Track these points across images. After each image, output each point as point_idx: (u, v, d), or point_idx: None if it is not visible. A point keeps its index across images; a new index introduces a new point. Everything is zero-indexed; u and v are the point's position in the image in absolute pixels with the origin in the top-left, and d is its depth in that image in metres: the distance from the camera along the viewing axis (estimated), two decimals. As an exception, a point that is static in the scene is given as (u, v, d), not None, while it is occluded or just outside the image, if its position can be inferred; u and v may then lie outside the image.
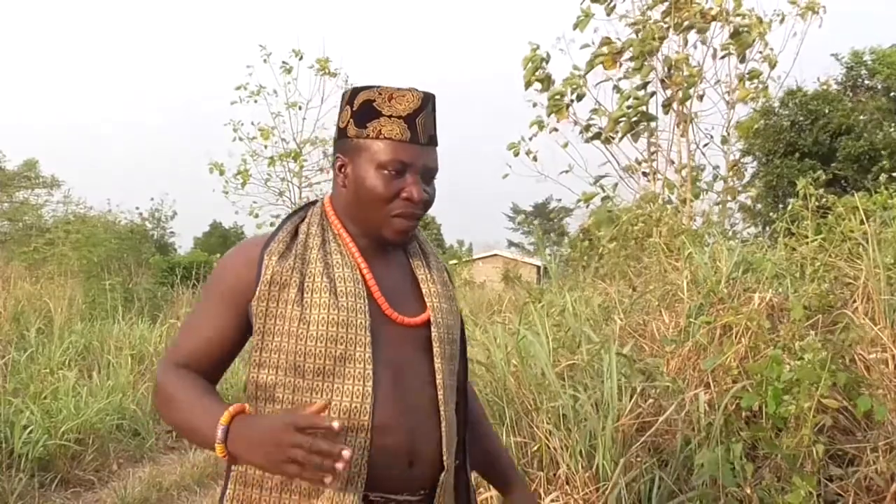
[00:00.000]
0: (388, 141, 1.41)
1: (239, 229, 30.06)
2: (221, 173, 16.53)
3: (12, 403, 5.20)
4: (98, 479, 5.13)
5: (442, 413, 1.44)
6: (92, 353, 7.22)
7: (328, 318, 1.38)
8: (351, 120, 1.44)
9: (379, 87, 1.44)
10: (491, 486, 3.16)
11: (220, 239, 31.19)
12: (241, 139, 16.64)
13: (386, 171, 1.41)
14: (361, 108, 1.43)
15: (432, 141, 1.46)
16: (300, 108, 16.60)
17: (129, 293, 10.88)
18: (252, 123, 16.75)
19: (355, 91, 1.46)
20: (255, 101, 16.38)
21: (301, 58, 16.43)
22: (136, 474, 5.24)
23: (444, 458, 1.44)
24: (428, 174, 1.46)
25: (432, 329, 1.47)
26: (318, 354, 1.37)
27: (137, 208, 19.58)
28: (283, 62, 16.31)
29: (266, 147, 16.59)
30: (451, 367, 1.51)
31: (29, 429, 4.92)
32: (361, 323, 1.39)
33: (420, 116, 1.43)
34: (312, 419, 1.24)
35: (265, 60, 16.26)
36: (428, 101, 1.45)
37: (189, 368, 1.44)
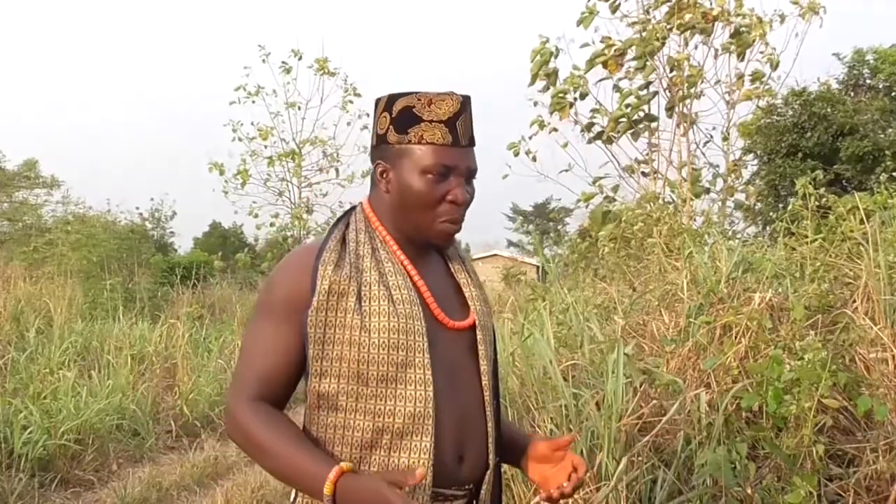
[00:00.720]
0: (430, 146, 1.44)
1: (238, 229, 30.04)
2: (221, 173, 16.53)
3: (12, 403, 5.20)
4: (98, 479, 5.13)
5: (488, 413, 1.51)
6: (92, 353, 7.22)
7: (388, 325, 1.41)
8: (391, 126, 1.47)
9: (417, 92, 1.47)
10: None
11: (219, 239, 31.18)
12: (240, 139, 16.64)
13: (430, 176, 1.45)
14: (401, 114, 1.46)
15: (472, 142, 1.50)
16: (299, 108, 16.59)
17: (129, 293, 10.88)
18: (252, 124, 16.75)
19: (392, 97, 1.48)
20: (254, 102, 16.37)
21: (300, 58, 16.43)
22: (136, 474, 5.24)
23: (490, 455, 1.51)
24: (469, 175, 1.50)
25: (478, 332, 1.53)
26: (381, 361, 1.40)
27: (137, 208, 19.57)
28: (283, 62, 16.31)
29: (266, 147, 16.59)
30: (492, 368, 1.57)
31: (29, 429, 4.92)
32: (419, 329, 1.43)
33: (460, 119, 1.46)
34: (410, 481, 1.31)
35: (264, 61, 16.26)
36: (467, 103, 1.48)
37: (264, 399, 1.44)
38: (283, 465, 1.40)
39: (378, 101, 1.52)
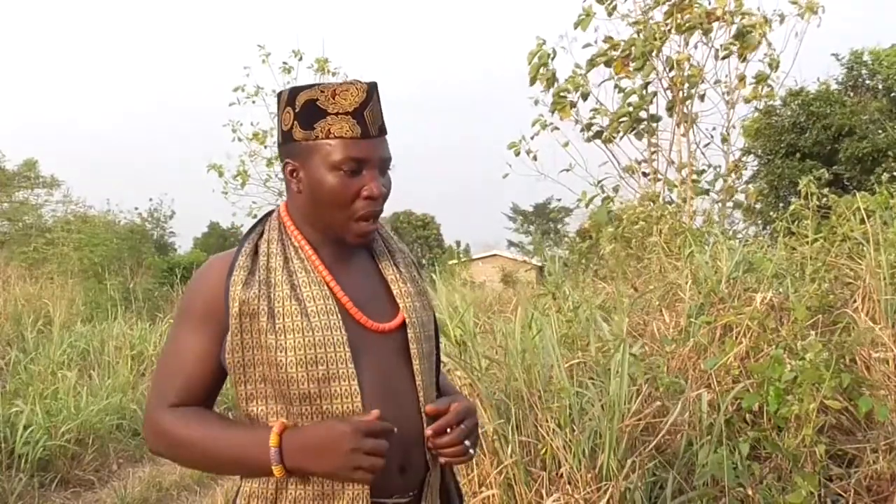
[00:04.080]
0: (339, 139, 1.36)
1: (237, 229, 30.05)
2: (220, 175, 16.52)
3: (13, 404, 5.20)
4: (98, 479, 5.13)
5: (424, 416, 1.42)
6: (92, 353, 7.22)
7: (304, 341, 1.33)
8: (296, 122, 1.39)
9: (320, 84, 1.39)
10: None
11: (219, 239, 31.18)
12: (239, 139, 16.63)
13: (342, 171, 1.36)
14: (305, 108, 1.38)
15: (382, 131, 1.41)
16: (299, 108, 16.58)
17: (129, 293, 10.88)
18: (252, 124, 16.73)
19: (294, 91, 1.40)
20: (254, 102, 16.36)
21: (300, 58, 16.42)
22: (136, 474, 5.24)
23: (428, 458, 1.43)
24: (383, 166, 1.42)
25: (408, 331, 1.44)
26: (301, 380, 1.33)
27: (136, 208, 19.56)
28: (283, 62, 16.31)
29: (265, 147, 16.58)
30: (430, 366, 1.48)
31: (29, 429, 4.92)
32: (339, 339, 1.35)
33: (367, 109, 1.38)
34: (376, 424, 1.29)
35: (264, 61, 16.25)
36: (373, 91, 1.40)
37: (183, 405, 1.40)
38: (223, 447, 1.36)
39: (280, 95, 1.43)
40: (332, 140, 1.36)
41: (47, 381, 5.96)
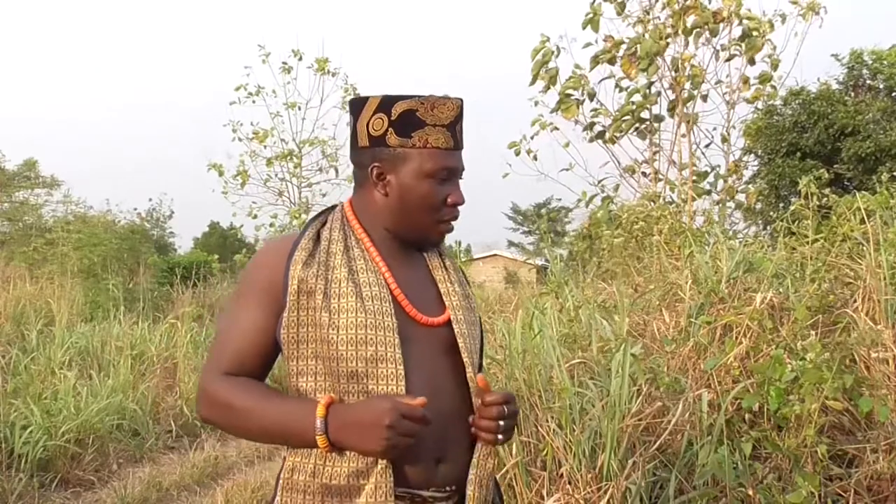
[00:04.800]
0: (434, 149, 1.47)
1: (238, 229, 30.03)
2: (220, 174, 16.52)
3: (13, 404, 5.20)
4: (98, 479, 5.13)
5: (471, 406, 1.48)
6: (92, 353, 7.22)
7: (356, 321, 1.41)
8: (390, 129, 1.47)
9: (418, 96, 1.48)
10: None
11: (219, 239, 31.13)
12: (240, 139, 16.63)
13: (434, 179, 1.47)
14: (403, 117, 1.46)
15: (463, 145, 1.54)
16: (299, 108, 16.59)
17: (130, 293, 10.88)
18: (252, 124, 16.73)
19: (390, 100, 1.48)
20: (254, 102, 16.36)
21: (300, 58, 16.42)
22: (136, 474, 5.24)
23: (476, 456, 1.47)
24: (461, 176, 1.55)
25: (454, 327, 1.51)
26: (350, 358, 1.40)
27: (136, 209, 19.56)
28: (283, 62, 16.31)
29: (265, 147, 16.57)
30: (476, 362, 1.54)
31: (29, 429, 4.92)
32: (389, 325, 1.42)
33: (459, 124, 1.51)
34: (416, 409, 1.34)
35: (264, 61, 16.25)
36: (463, 106, 1.52)
37: (237, 374, 1.46)
38: (271, 415, 1.41)
39: (364, 101, 1.50)
40: (428, 149, 1.47)
41: (47, 381, 5.96)
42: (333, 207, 1.58)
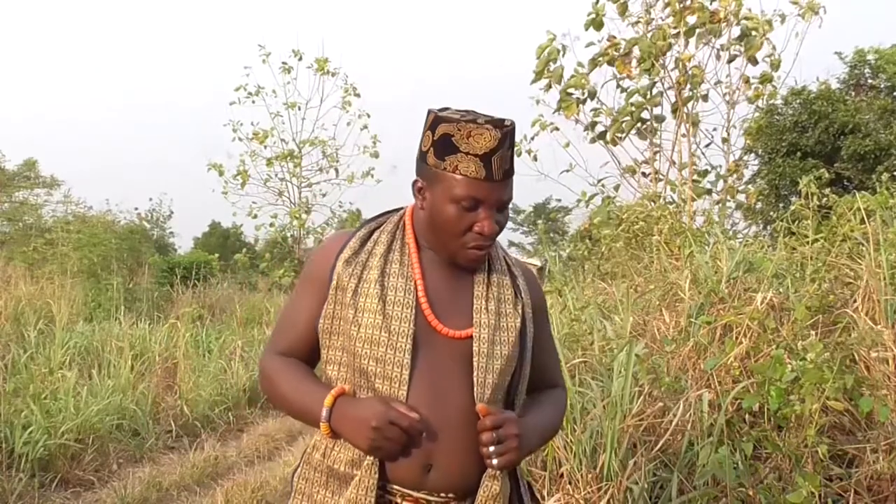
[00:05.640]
0: (464, 177, 1.46)
1: (238, 229, 30.04)
2: (221, 174, 16.52)
3: (12, 403, 5.20)
4: (98, 479, 5.12)
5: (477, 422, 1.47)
6: (92, 353, 7.21)
7: (374, 321, 1.48)
8: (432, 148, 1.49)
9: (459, 120, 1.46)
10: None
11: (220, 239, 31.15)
12: (240, 139, 16.64)
13: (460, 206, 1.47)
14: (441, 139, 1.47)
15: (507, 175, 1.50)
16: (299, 108, 16.59)
17: (130, 293, 10.87)
18: (252, 124, 16.75)
19: (438, 119, 1.49)
20: (254, 102, 16.37)
21: (300, 58, 16.43)
22: (136, 474, 5.23)
23: (483, 476, 1.47)
24: (501, 206, 1.52)
25: (474, 343, 1.51)
26: (364, 355, 1.48)
27: (136, 209, 19.57)
28: (283, 62, 16.31)
29: (265, 147, 16.58)
30: (496, 381, 1.52)
31: (29, 429, 4.92)
32: (405, 331, 1.48)
33: (496, 155, 1.46)
34: (404, 418, 1.41)
35: (264, 61, 16.26)
36: (505, 139, 1.47)
37: (288, 356, 1.59)
38: (298, 396, 1.53)
39: (428, 113, 1.52)
40: (458, 175, 1.46)
41: (47, 380, 5.95)
42: (397, 210, 1.64)
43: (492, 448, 1.44)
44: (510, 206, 1.56)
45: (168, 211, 24.00)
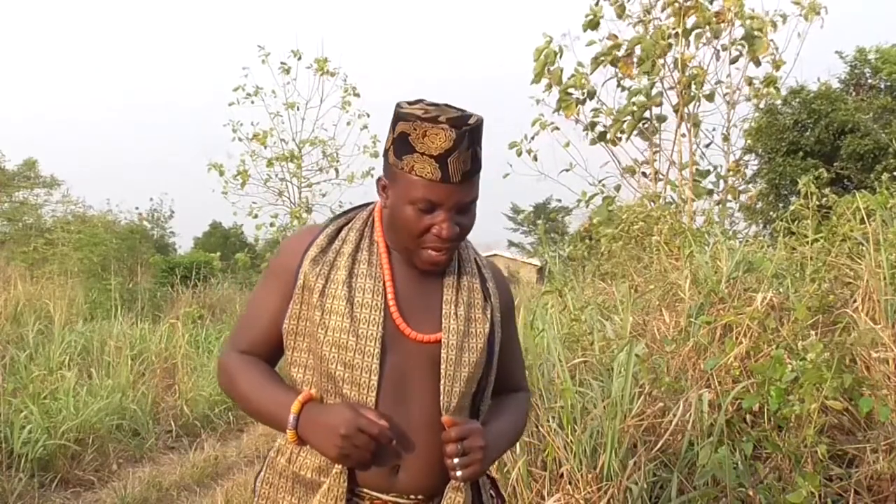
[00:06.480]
0: (419, 179, 1.40)
1: (238, 229, 30.04)
2: (221, 174, 16.51)
3: (12, 403, 5.20)
4: (98, 479, 5.12)
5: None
6: (92, 353, 7.21)
7: (342, 325, 1.43)
8: (392, 146, 1.44)
9: (417, 119, 1.39)
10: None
11: (220, 239, 31.16)
12: (240, 139, 16.62)
13: (416, 207, 1.41)
14: (399, 138, 1.42)
15: (466, 176, 1.42)
16: (299, 108, 16.58)
17: (130, 293, 10.87)
18: (252, 124, 16.72)
19: (398, 116, 1.43)
20: (253, 102, 16.35)
21: (300, 58, 16.41)
22: (136, 474, 5.23)
23: (447, 486, 1.46)
24: (462, 208, 1.45)
25: (442, 349, 1.47)
26: (331, 359, 1.43)
27: (137, 208, 19.57)
28: (282, 63, 16.29)
29: (265, 147, 16.57)
30: (463, 388, 1.48)
31: (28, 429, 4.91)
32: (373, 334, 1.43)
33: (452, 156, 1.38)
34: (373, 426, 1.36)
35: (263, 61, 16.24)
36: (463, 139, 1.39)
37: (250, 354, 1.54)
38: (261, 399, 1.48)
39: (395, 108, 1.45)
40: (413, 176, 1.41)
41: (47, 380, 5.95)
42: (366, 206, 1.58)
43: (456, 460, 1.41)
44: (475, 205, 1.48)
45: (169, 211, 24.02)
